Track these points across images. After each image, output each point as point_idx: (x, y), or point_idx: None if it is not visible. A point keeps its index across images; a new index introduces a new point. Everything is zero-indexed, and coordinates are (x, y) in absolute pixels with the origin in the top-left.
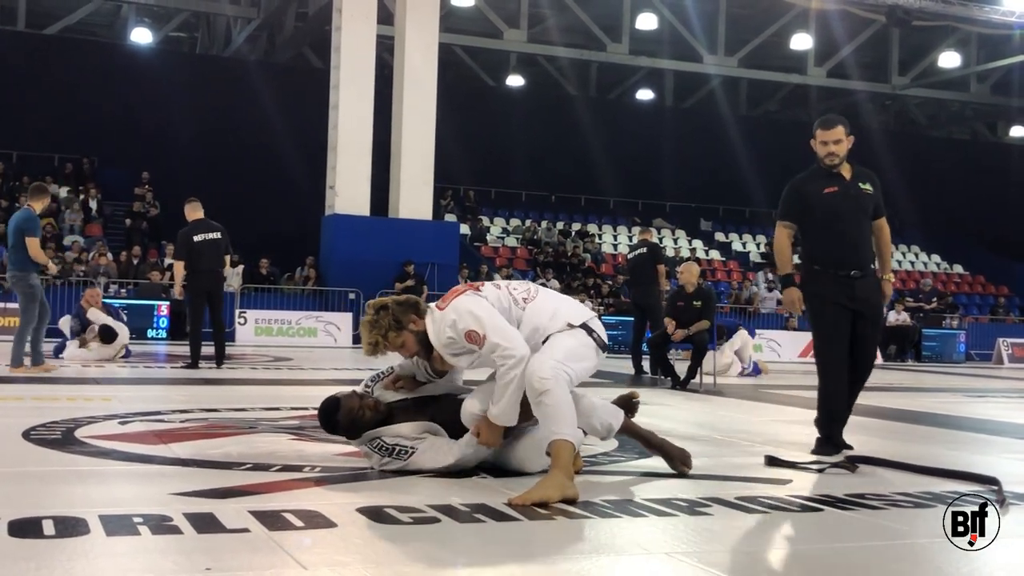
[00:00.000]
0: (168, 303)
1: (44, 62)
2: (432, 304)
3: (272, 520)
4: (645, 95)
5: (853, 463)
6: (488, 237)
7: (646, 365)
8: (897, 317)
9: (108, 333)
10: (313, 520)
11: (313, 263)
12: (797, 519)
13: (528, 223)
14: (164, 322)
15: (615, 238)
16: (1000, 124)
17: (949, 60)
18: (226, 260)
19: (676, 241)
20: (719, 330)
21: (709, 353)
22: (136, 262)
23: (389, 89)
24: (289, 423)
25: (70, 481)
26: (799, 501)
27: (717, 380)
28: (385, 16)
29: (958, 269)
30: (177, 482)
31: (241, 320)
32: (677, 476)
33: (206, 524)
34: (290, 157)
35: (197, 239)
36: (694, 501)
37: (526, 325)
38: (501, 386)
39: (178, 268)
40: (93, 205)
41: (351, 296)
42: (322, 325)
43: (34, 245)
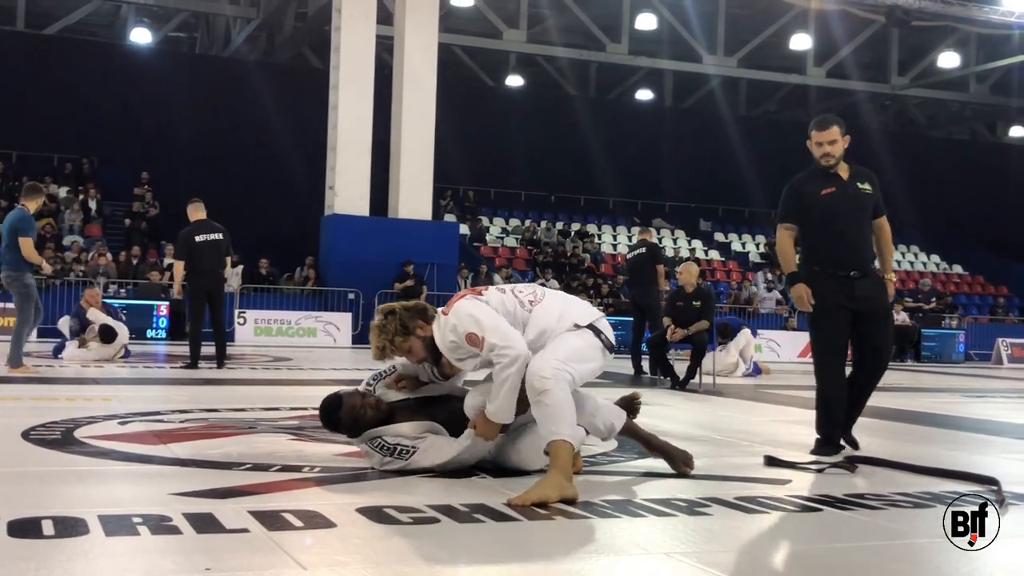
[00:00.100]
0: (167, 303)
1: (43, 62)
2: (440, 309)
3: (271, 520)
4: (644, 95)
5: (852, 463)
6: (487, 237)
7: (645, 365)
8: (896, 317)
9: (108, 333)
10: (312, 520)
11: (313, 263)
12: (796, 519)
13: (527, 223)
14: (163, 322)
15: (614, 238)
16: (999, 124)
17: (948, 60)
18: (227, 261)
19: (675, 241)
20: (726, 329)
21: (709, 353)
22: (135, 262)
23: (388, 89)
24: (289, 423)
25: (69, 481)
26: (798, 501)
27: (717, 380)
28: (384, 16)
29: (957, 269)
30: (176, 482)
31: (241, 320)
32: (676, 476)
33: (205, 524)
34: (289, 157)
35: (199, 239)
36: (693, 501)
37: (533, 327)
38: (497, 384)
39: (178, 268)
40: (92, 205)
41: (351, 296)
42: (322, 325)
43: (27, 245)
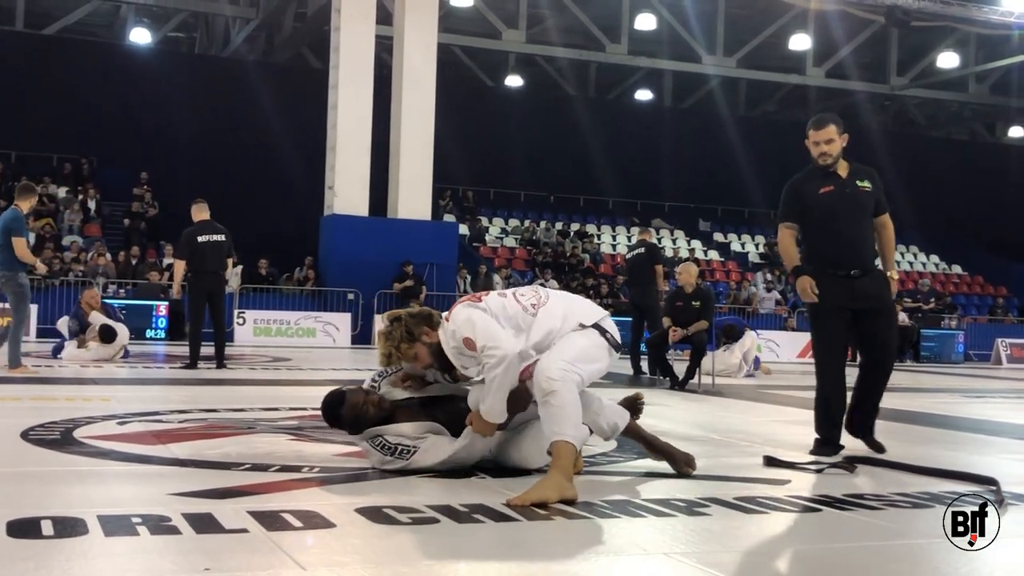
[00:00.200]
0: (167, 303)
1: (43, 62)
2: (443, 314)
3: (271, 520)
4: (644, 95)
5: (851, 463)
6: (487, 237)
7: (644, 365)
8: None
9: (108, 332)
10: (312, 520)
11: (312, 263)
12: (796, 519)
13: (527, 223)
14: (163, 322)
15: (614, 238)
16: (999, 124)
17: (948, 60)
18: (228, 263)
19: (675, 241)
20: (732, 330)
21: (709, 353)
22: (135, 262)
23: (388, 89)
24: (288, 423)
25: (69, 481)
26: (798, 501)
27: (717, 380)
28: (384, 16)
29: (956, 269)
30: (176, 482)
31: (240, 320)
32: (676, 476)
33: (205, 524)
34: (289, 157)
35: (201, 240)
36: (693, 501)
37: (538, 330)
38: (486, 384)
39: (179, 267)
40: (92, 205)
41: (350, 296)
42: (321, 325)
43: (20, 245)
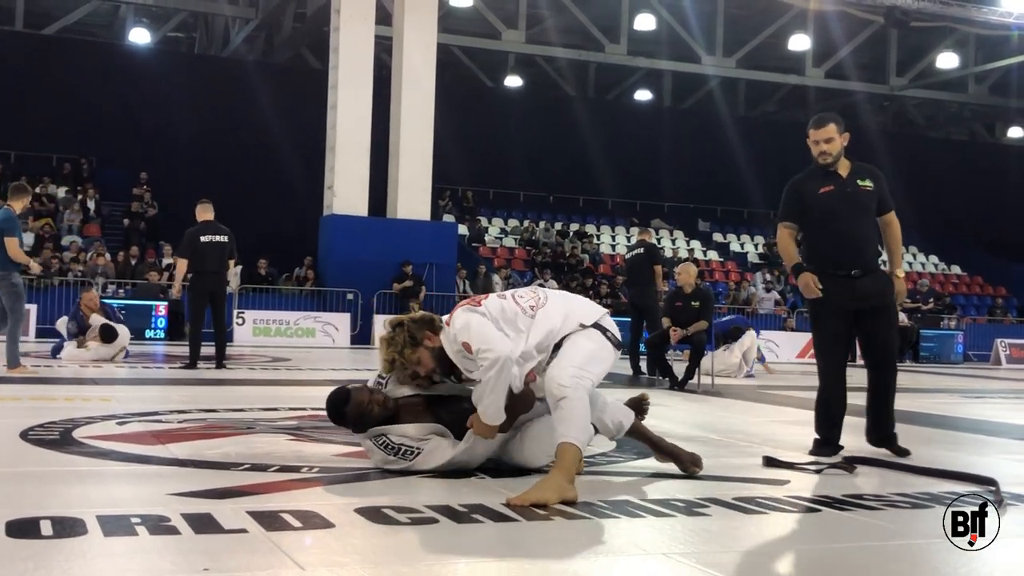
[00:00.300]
0: (166, 303)
1: (42, 62)
2: (444, 318)
3: (270, 520)
4: (643, 96)
5: (851, 464)
6: (486, 238)
7: (644, 365)
8: None
9: (109, 332)
10: (311, 520)
11: (311, 263)
12: (795, 520)
13: (526, 223)
14: (162, 322)
15: (613, 239)
16: (998, 125)
17: (947, 61)
18: (230, 264)
19: (674, 242)
20: (737, 332)
21: (708, 353)
22: (134, 262)
23: (387, 90)
24: (287, 423)
25: (68, 481)
26: (797, 502)
27: (717, 381)
28: (383, 16)
29: (956, 270)
30: (175, 482)
31: (239, 320)
32: (675, 477)
33: (204, 524)
34: (288, 157)
35: (203, 240)
36: (692, 502)
37: (538, 330)
38: (482, 385)
39: (180, 266)
40: (91, 205)
41: (349, 297)
42: (320, 325)
43: (12, 245)
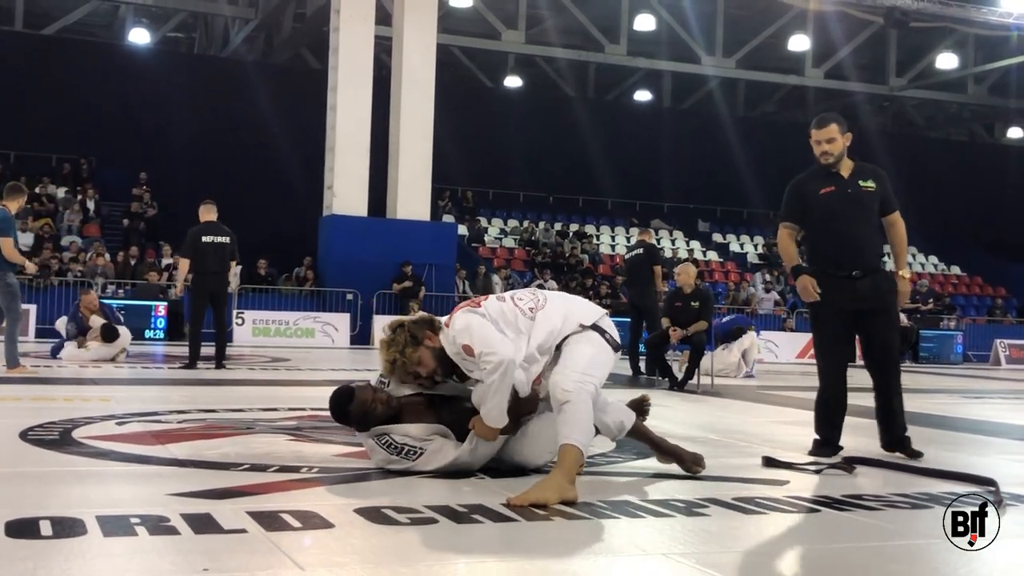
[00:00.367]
0: (165, 303)
1: (42, 62)
2: (444, 320)
3: (269, 521)
4: (643, 96)
5: (850, 464)
6: (486, 238)
7: (643, 366)
8: None
9: (110, 331)
10: (310, 520)
11: (311, 264)
12: (794, 520)
13: (526, 224)
14: (162, 323)
15: (613, 239)
16: (997, 125)
17: (947, 61)
18: (231, 265)
19: (674, 242)
20: (740, 333)
21: (707, 353)
22: (134, 262)
23: (387, 90)
24: (287, 424)
25: (67, 482)
26: (796, 502)
27: (716, 381)
28: (383, 17)
29: (955, 270)
30: (174, 483)
31: (239, 320)
32: (675, 477)
33: (203, 525)
34: (288, 158)
35: (205, 240)
36: (691, 502)
37: (539, 332)
38: (485, 388)
39: (183, 266)
40: (91, 205)
41: (349, 297)
42: (320, 326)
43: (8, 245)
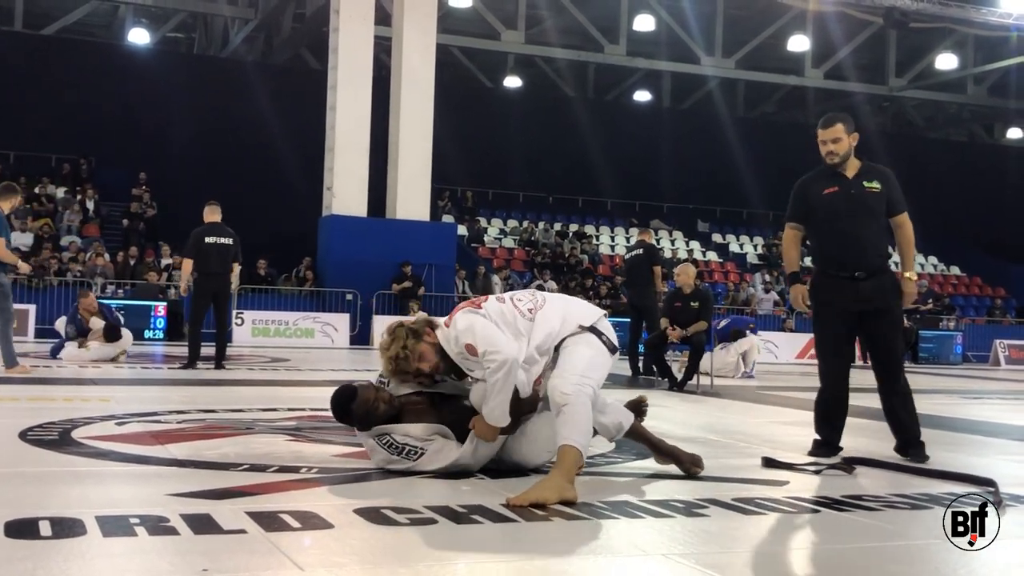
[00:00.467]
0: (165, 304)
1: (41, 62)
2: (442, 320)
3: (269, 521)
4: (643, 96)
5: (849, 465)
6: (485, 238)
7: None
8: None
9: (113, 332)
10: (310, 521)
11: (310, 264)
12: (794, 520)
13: (525, 224)
14: (161, 323)
15: (612, 239)
16: (997, 126)
17: (946, 62)
18: (234, 267)
19: (673, 242)
20: (739, 335)
21: (707, 354)
22: (133, 263)
23: (387, 90)
24: (286, 424)
25: (67, 482)
26: (796, 502)
27: (715, 381)
28: (383, 17)
29: (955, 271)
30: (174, 483)
31: (238, 321)
32: (674, 477)
33: (203, 525)
34: (287, 158)
35: (208, 241)
36: (691, 502)
37: (538, 333)
38: (488, 387)
39: (186, 266)
40: (90, 205)
41: (348, 297)
42: (319, 326)
43: (0, 246)
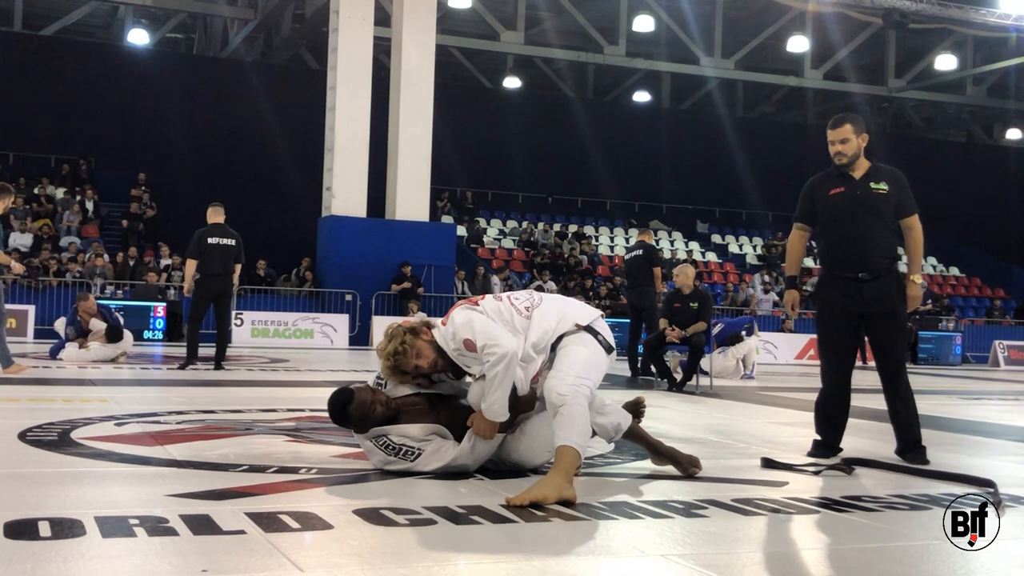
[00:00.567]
0: (164, 304)
1: (41, 63)
2: (439, 320)
3: (268, 522)
4: (642, 97)
5: (849, 465)
6: (485, 239)
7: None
8: None
9: (115, 332)
10: (309, 522)
11: (310, 264)
12: (793, 521)
13: (525, 225)
14: (160, 323)
15: (612, 240)
16: (996, 127)
17: (945, 63)
18: (236, 268)
19: (672, 243)
20: (732, 338)
21: (706, 356)
22: (132, 263)
23: (386, 90)
24: (286, 425)
25: (66, 483)
26: (795, 503)
27: (714, 382)
28: (382, 17)
29: (954, 271)
30: (173, 484)
31: (238, 321)
32: (673, 478)
33: (202, 526)
34: (287, 159)
35: (211, 241)
36: (690, 503)
37: (534, 331)
38: (488, 381)
39: (189, 266)
40: (90, 206)
41: (348, 298)
42: (319, 327)
43: None
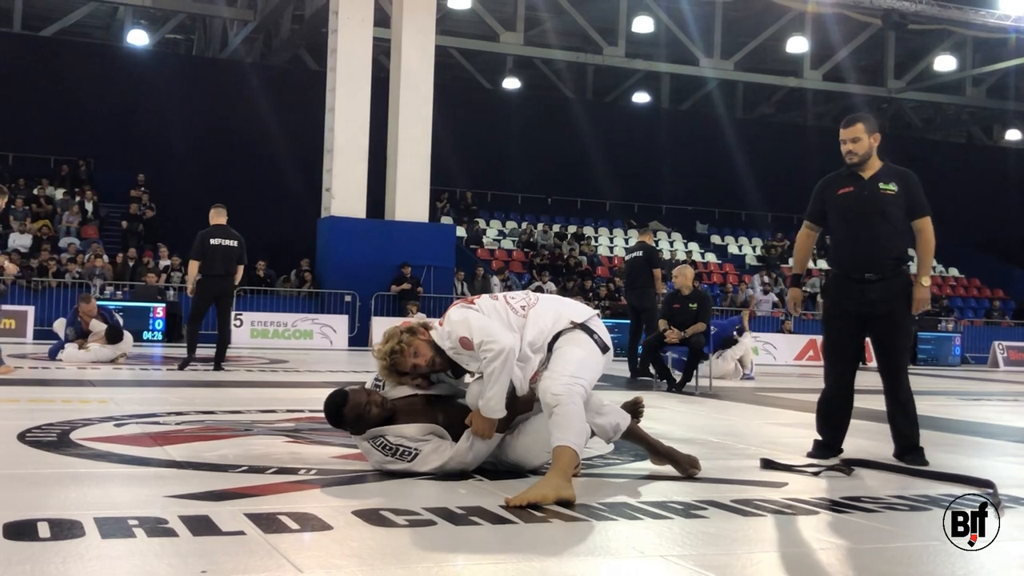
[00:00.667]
0: (164, 305)
1: (40, 64)
2: (436, 320)
3: (268, 522)
4: (641, 98)
5: (848, 466)
6: (484, 239)
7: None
8: None
9: (116, 333)
10: (309, 522)
11: (309, 265)
12: (792, 522)
13: (524, 225)
14: (160, 324)
15: (611, 240)
16: (996, 128)
17: (945, 64)
18: (238, 269)
19: (672, 244)
20: (726, 341)
21: (708, 357)
22: (132, 264)
23: (386, 91)
24: (285, 425)
25: (65, 483)
26: (795, 504)
27: (713, 383)
28: (382, 18)
29: (953, 272)
30: (173, 484)
31: (237, 322)
32: (673, 479)
33: (201, 527)
34: (286, 159)
35: (213, 242)
36: (690, 504)
37: (530, 330)
38: (485, 377)
39: (192, 267)
40: (89, 207)
41: (347, 299)
42: (318, 327)
43: None
